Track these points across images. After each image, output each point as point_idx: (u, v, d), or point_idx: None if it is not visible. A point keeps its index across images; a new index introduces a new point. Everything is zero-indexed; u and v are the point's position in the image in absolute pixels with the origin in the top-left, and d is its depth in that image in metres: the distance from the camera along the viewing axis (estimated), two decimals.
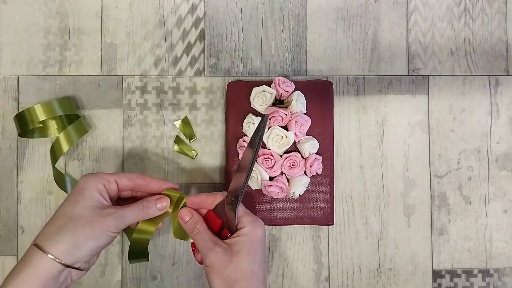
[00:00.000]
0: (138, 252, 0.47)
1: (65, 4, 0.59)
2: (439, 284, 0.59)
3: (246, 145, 0.54)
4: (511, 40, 0.61)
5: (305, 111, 0.56)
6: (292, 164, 0.54)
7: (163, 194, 0.47)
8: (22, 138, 0.57)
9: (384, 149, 0.60)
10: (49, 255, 0.40)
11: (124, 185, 0.45)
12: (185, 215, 0.46)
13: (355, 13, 0.60)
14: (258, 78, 0.60)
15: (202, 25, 0.60)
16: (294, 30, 0.60)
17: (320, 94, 0.57)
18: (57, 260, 0.40)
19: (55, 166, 0.55)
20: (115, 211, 0.42)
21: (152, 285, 0.58)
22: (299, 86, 0.57)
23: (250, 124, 0.54)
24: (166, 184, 0.47)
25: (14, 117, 0.55)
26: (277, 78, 0.55)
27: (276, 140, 0.54)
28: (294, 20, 0.60)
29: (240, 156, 0.55)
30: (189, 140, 0.58)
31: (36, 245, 0.41)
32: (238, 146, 0.56)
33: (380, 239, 0.59)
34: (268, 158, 0.54)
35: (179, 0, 0.60)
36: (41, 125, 0.54)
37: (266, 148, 0.55)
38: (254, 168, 0.54)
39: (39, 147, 0.58)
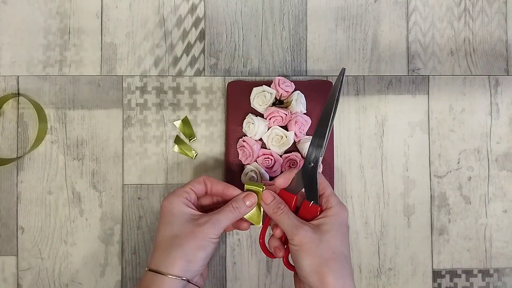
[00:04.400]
0: None
1: (65, 4, 0.59)
2: (439, 284, 0.59)
3: (245, 145, 0.54)
4: (511, 40, 0.61)
5: (305, 111, 0.56)
6: (292, 164, 0.54)
7: (247, 190, 0.47)
8: (22, 138, 0.57)
9: (384, 149, 0.60)
10: (169, 276, 0.41)
11: (198, 189, 0.47)
12: (267, 197, 0.45)
13: (355, 13, 0.60)
14: (258, 78, 0.60)
15: (202, 25, 0.60)
16: (294, 30, 0.60)
17: (320, 94, 0.57)
18: (178, 277, 0.41)
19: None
20: (209, 218, 0.43)
21: None
22: (299, 86, 0.57)
23: (250, 124, 0.54)
24: (236, 190, 0.47)
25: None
26: (277, 78, 0.55)
27: (276, 140, 0.54)
28: (294, 20, 0.60)
29: (240, 156, 0.55)
30: (189, 140, 0.58)
31: (152, 270, 0.42)
32: (238, 146, 0.56)
33: (380, 239, 0.59)
34: (268, 158, 0.54)
35: (179, 0, 0.60)
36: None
37: (266, 148, 0.55)
38: (254, 168, 0.54)
39: (39, 147, 0.58)
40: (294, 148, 0.56)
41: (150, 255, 0.44)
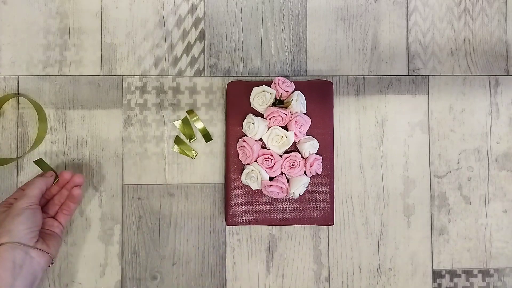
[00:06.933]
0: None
1: (65, 4, 0.59)
2: (439, 284, 0.59)
3: (245, 145, 0.54)
4: (511, 40, 0.61)
5: (305, 111, 0.56)
6: (292, 164, 0.54)
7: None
8: (22, 138, 0.57)
9: (384, 149, 0.60)
10: None
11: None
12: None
13: (355, 13, 0.60)
14: (258, 78, 0.60)
15: (202, 25, 0.60)
16: (294, 30, 0.60)
17: (320, 94, 0.57)
18: (4, 243, 0.46)
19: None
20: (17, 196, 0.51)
21: (152, 285, 0.58)
22: (299, 86, 0.57)
23: (250, 124, 0.54)
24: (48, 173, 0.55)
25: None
26: (277, 78, 0.55)
27: (276, 140, 0.54)
28: (294, 20, 0.60)
29: (240, 156, 0.55)
30: (189, 140, 0.58)
31: None
32: (238, 146, 0.56)
33: (380, 239, 0.59)
34: (268, 158, 0.54)
35: (179, 0, 0.60)
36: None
37: (266, 148, 0.55)
38: (254, 168, 0.54)
39: (39, 147, 0.58)
40: (294, 148, 0.56)
41: None
